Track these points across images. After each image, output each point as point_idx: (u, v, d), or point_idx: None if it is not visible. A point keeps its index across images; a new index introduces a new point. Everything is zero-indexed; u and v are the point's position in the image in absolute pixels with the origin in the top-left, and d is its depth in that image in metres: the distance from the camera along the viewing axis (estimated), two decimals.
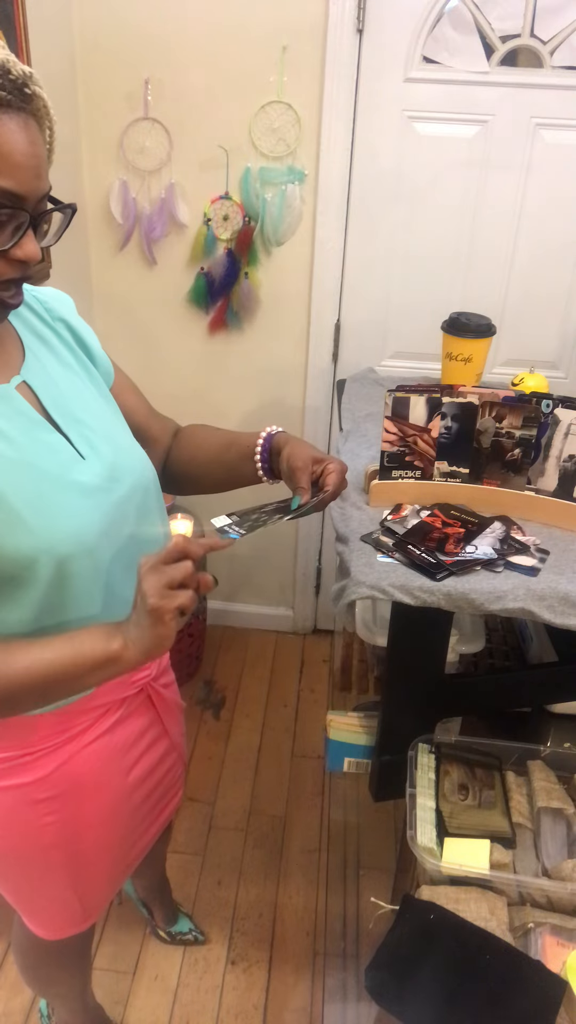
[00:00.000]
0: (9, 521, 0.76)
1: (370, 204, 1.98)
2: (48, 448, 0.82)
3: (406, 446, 1.16)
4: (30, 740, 0.90)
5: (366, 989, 0.93)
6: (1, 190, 0.69)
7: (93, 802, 0.98)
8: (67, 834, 0.98)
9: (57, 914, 1.09)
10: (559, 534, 1.15)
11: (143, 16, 1.81)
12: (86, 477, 0.84)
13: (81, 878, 1.05)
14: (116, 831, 1.05)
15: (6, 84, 0.68)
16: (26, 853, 0.99)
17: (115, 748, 0.99)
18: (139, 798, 1.06)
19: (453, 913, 0.97)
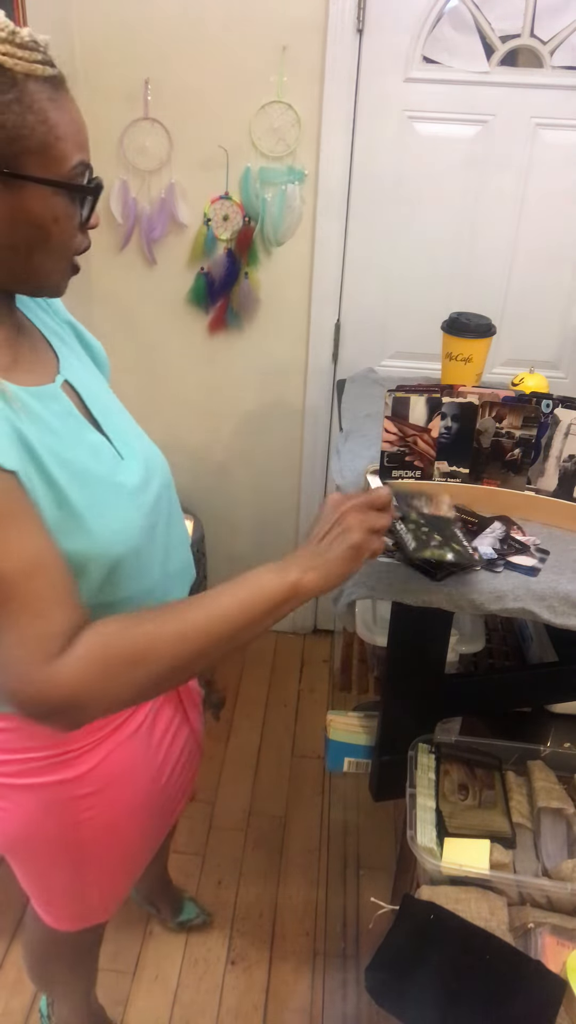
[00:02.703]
0: (71, 524, 0.76)
1: (370, 204, 1.98)
2: (94, 450, 0.83)
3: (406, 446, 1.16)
4: (72, 736, 0.89)
5: (366, 989, 0.93)
6: (82, 163, 0.73)
7: (128, 795, 0.98)
8: (103, 828, 0.97)
9: (77, 906, 1.09)
10: (559, 534, 1.15)
11: (143, 16, 1.81)
12: (128, 478, 0.85)
13: (108, 871, 1.05)
14: (146, 822, 1.05)
15: (49, 58, 0.70)
16: (62, 847, 0.98)
17: (149, 741, 0.99)
18: (165, 788, 1.06)
19: (453, 913, 0.97)
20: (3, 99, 0.67)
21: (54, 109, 0.70)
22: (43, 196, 0.72)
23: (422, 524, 1.04)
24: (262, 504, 2.41)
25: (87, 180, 0.75)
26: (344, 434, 1.53)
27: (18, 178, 0.70)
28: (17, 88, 0.67)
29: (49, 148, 0.70)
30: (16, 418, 0.72)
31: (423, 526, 1.03)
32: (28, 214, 0.72)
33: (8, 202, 0.70)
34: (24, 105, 0.68)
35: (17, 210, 0.71)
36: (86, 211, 0.76)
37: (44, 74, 0.70)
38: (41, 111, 0.69)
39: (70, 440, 0.79)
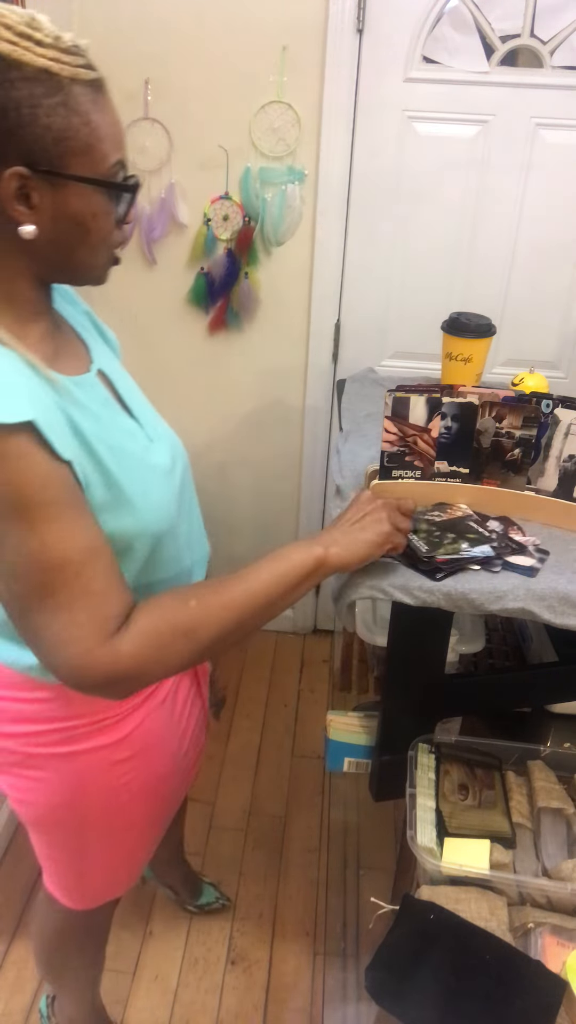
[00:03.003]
0: (120, 503, 0.82)
1: (370, 204, 1.98)
2: (130, 434, 0.88)
3: (406, 446, 1.16)
4: (109, 704, 0.94)
5: (366, 989, 0.93)
6: (119, 162, 0.77)
7: (159, 761, 1.03)
8: (139, 793, 1.02)
9: (102, 879, 1.12)
10: (559, 534, 1.15)
11: (143, 16, 1.81)
12: (159, 459, 0.90)
13: (136, 839, 1.09)
14: (172, 788, 1.09)
15: (90, 63, 0.74)
16: (100, 813, 1.01)
17: (173, 709, 1.05)
18: (186, 755, 1.11)
19: (453, 913, 0.97)
20: (50, 102, 0.70)
21: (96, 111, 0.74)
22: (84, 194, 0.76)
23: (434, 531, 1.08)
24: (262, 504, 2.41)
25: (123, 178, 0.79)
26: (344, 434, 1.53)
27: (62, 177, 0.74)
28: (63, 92, 0.71)
29: (91, 148, 0.74)
30: (67, 406, 0.77)
31: (435, 533, 1.07)
32: (70, 211, 0.76)
33: (52, 199, 0.74)
34: (69, 108, 0.72)
35: (60, 207, 0.75)
36: (123, 208, 0.80)
37: (87, 78, 0.73)
38: (84, 113, 0.73)
39: (110, 425, 0.84)
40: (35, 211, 0.74)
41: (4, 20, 0.68)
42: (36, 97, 0.70)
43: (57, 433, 0.73)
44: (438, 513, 1.15)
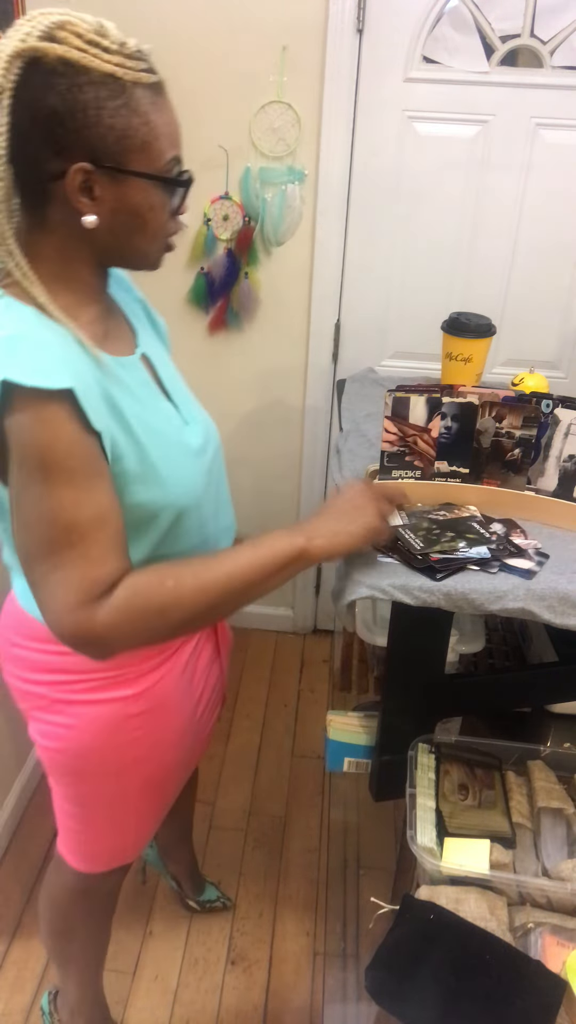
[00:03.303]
0: (150, 476, 0.88)
1: (370, 204, 1.98)
2: (166, 415, 0.95)
3: (406, 446, 1.16)
4: (132, 660, 1.00)
5: (366, 989, 0.93)
6: (175, 158, 0.84)
7: (173, 721, 1.08)
8: (150, 750, 1.06)
9: (113, 839, 1.16)
10: (559, 534, 1.15)
11: (143, 16, 1.81)
12: (191, 440, 0.97)
13: (145, 801, 1.13)
14: (183, 752, 1.14)
15: (151, 67, 0.82)
16: (112, 767, 1.06)
17: (194, 674, 1.10)
18: (199, 720, 1.15)
19: (453, 913, 0.97)
20: (114, 104, 0.77)
21: (155, 112, 0.81)
22: (142, 188, 0.82)
23: (434, 529, 1.08)
24: (262, 504, 2.41)
25: (179, 173, 0.86)
26: (344, 434, 1.53)
27: (122, 172, 0.81)
28: (126, 95, 0.78)
29: (149, 146, 0.81)
30: (108, 383, 0.84)
31: (434, 531, 1.07)
32: (129, 203, 0.83)
33: (113, 192, 0.81)
34: (131, 109, 0.79)
35: (120, 199, 0.82)
36: (177, 200, 0.87)
37: (148, 81, 0.80)
38: (144, 114, 0.80)
39: (148, 405, 0.91)
40: (97, 203, 0.81)
41: (75, 29, 0.77)
42: (101, 100, 0.77)
43: (92, 405, 0.79)
44: (443, 512, 1.15)
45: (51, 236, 0.84)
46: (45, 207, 0.82)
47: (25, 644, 1.02)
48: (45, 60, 0.75)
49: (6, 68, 0.75)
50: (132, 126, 0.79)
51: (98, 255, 0.87)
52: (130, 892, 1.76)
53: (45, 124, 0.77)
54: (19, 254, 0.82)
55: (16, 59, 0.75)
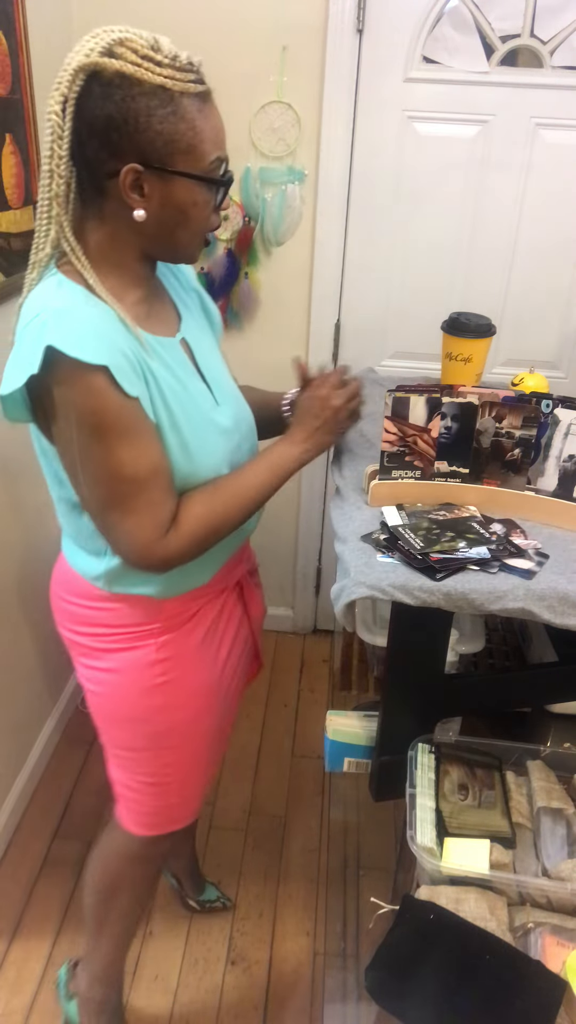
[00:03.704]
0: (178, 444, 0.99)
1: (370, 204, 1.98)
2: (200, 393, 1.05)
3: (406, 446, 1.16)
4: (156, 618, 1.13)
5: (366, 989, 0.93)
6: (218, 159, 0.93)
7: (193, 674, 1.18)
8: (172, 697, 1.17)
9: (156, 801, 1.25)
10: (559, 534, 1.15)
11: (142, 16, 1.81)
12: (221, 420, 1.07)
13: (178, 753, 1.22)
14: (212, 707, 1.23)
15: (200, 78, 0.91)
16: (141, 715, 1.18)
17: (215, 633, 1.20)
18: (222, 681, 1.24)
19: (453, 913, 0.97)
20: (163, 112, 0.87)
21: (200, 118, 0.90)
22: (187, 186, 0.92)
23: (434, 529, 1.08)
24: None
25: (222, 172, 0.95)
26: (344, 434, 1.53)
27: (169, 172, 0.91)
28: (174, 103, 0.88)
29: (194, 149, 0.91)
30: (146, 356, 0.95)
31: (434, 530, 1.07)
32: (175, 200, 0.93)
33: (160, 190, 0.92)
34: (178, 116, 0.88)
35: (166, 196, 0.92)
36: (219, 197, 0.97)
37: (195, 91, 0.90)
38: (191, 120, 0.89)
39: (183, 381, 1.01)
40: (146, 199, 0.92)
41: (132, 45, 0.87)
42: (152, 108, 0.87)
43: (126, 376, 0.90)
44: (443, 512, 1.15)
45: (104, 226, 0.95)
46: (101, 201, 0.93)
47: (71, 599, 1.16)
48: (104, 74, 0.86)
49: (71, 81, 0.86)
50: (179, 131, 0.89)
51: (144, 245, 0.97)
52: None
53: (103, 129, 0.87)
54: (74, 240, 0.93)
55: (80, 73, 0.86)
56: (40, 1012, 1.52)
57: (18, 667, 1.87)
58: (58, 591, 1.20)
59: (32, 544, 1.86)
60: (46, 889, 1.75)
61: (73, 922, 1.68)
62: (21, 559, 1.82)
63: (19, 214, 1.62)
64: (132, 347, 0.93)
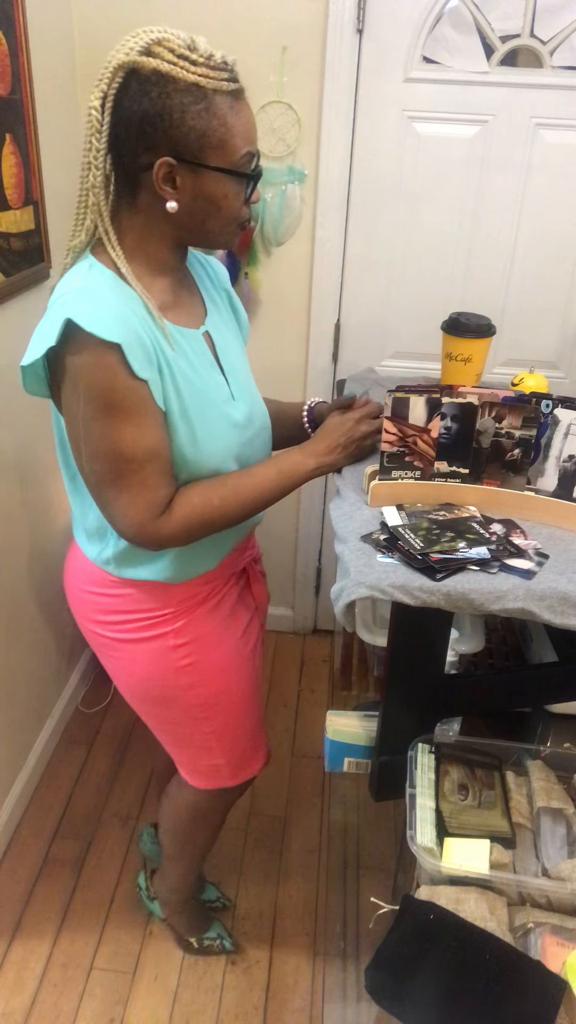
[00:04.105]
0: (187, 434, 1.03)
1: (370, 204, 1.98)
2: (216, 385, 1.09)
3: (406, 446, 1.16)
4: (169, 603, 1.18)
5: (366, 989, 0.93)
6: (248, 153, 0.98)
7: (218, 651, 1.23)
8: (200, 677, 1.22)
9: (204, 760, 1.32)
10: (559, 534, 1.15)
11: (143, 16, 1.81)
12: (235, 413, 1.11)
13: (218, 725, 1.28)
14: (239, 680, 1.28)
15: (233, 76, 0.94)
16: (172, 695, 1.24)
17: (226, 611, 1.25)
18: (250, 653, 1.31)
19: (453, 913, 0.97)
20: (196, 108, 0.91)
21: (232, 115, 0.94)
22: (218, 179, 0.96)
23: (434, 529, 1.08)
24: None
25: (252, 167, 1.00)
26: None
27: (201, 166, 0.95)
28: (207, 100, 0.92)
29: (224, 143, 0.94)
30: (164, 343, 0.99)
31: (434, 531, 1.07)
32: (206, 192, 0.97)
33: (192, 183, 0.96)
34: (211, 112, 0.92)
35: (198, 189, 0.97)
36: (249, 190, 1.01)
37: (227, 89, 0.93)
38: (222, 116, 0.93)
39: (201, 371, 1.05)
40: (179, 191, 0.96)
41: (169, 44, 0.91)
42: (185, 105, 0.91)
43: (138, 358, 0.94)
44: (443, 512, 1.15)
45: (138, 216, 1.00)
46: (135, 192, 0.98)
47: (85, 587, 1.21)
48: (142, 71, 0.90)
49: (111, 77, 0.91)
50: (211, 127, 0.93)
51: (177, 235, 1.02)
52: (130, 892, 1.76)
53: (139, 124, 0.92)
54: (111, 228, 0.98)
55: (119, 70, 0.91)
56: (40, 1012, 1.52)
57: (18, 667, 1.87)
58: (76, 583, 1.23)
59: (36, 545, 1.86)
60: (46, 889, 1.75)
61: (73, 922, 1.69)
62: (22, 560, 1.82)
63: (19, 214, 1.62)
64: (150, 333, 0.97)
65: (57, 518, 1.96)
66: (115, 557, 1.13)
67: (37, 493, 1.87)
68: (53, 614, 2.02)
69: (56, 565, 1.99)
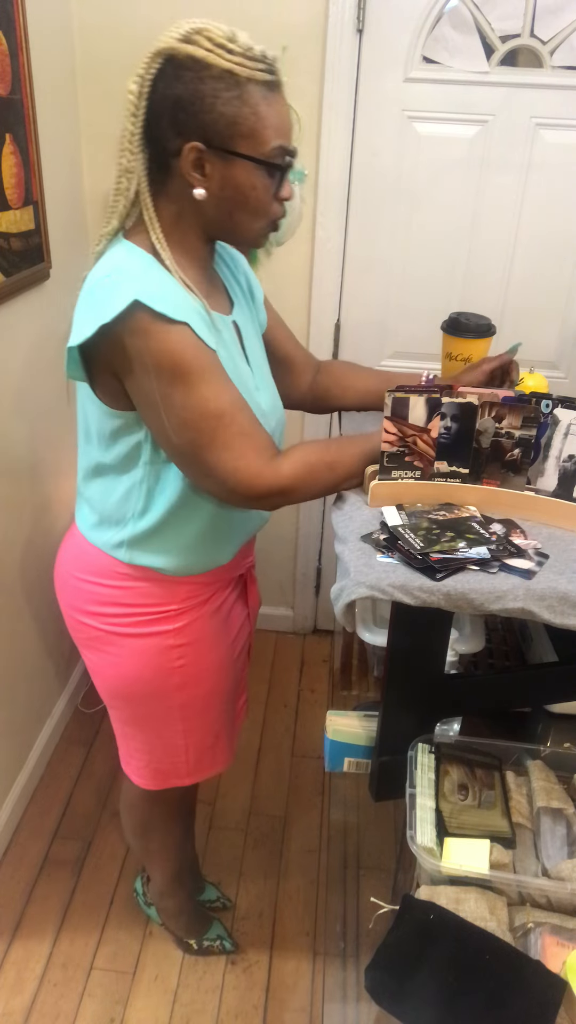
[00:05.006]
0: None
1: (370, 204, 1.98)
2: (244, 374, 1.09)
3: (405, 446, 1.16)
4: (173, 599, 1.16)
5: (366, 989, 0.93)
6: (281, 147, 0.96)
7: (211, 655, 1.23)
8: (190, 679, 1.21)
9: (167, 761, 1.30)
10: (559, 534, 1.15)
11: (143, 16, 1.81)
12: (262, 401, 1.12)
13: (193, 725, 1.27)
14: (223, 684, 1.28)
15: (270, 68, 0.94)
16: (158, 693, 1.21)
17: (224, 615, 1.25)
18: (236, 658, 1.31)
19: (453, 913, 0.97)
20: (228, 95, 0.91)
21: (265, 105, 0.93)
22: (247, 169, 0.96)
23: (434, 529, 1.08)
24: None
25: (284, 161, 0.98)
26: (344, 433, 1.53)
27: (230, 153, 0.94)
28: (239, 88, 0.92)
29: (255, 133, 0.94)
30: (212, 327, 1.00)
31: (434, 531, 1.07)
32: (234, 181, 0.96)
33: (221, 170, 0.96)
34: (243, 100, 0.92)
35: (227, 177, 0.96)
36: (277, 184, 0.99)
37: (262, 79, 0.93)
38: (255, 105, 0.93)
39: (234, 359, 1.07)
40: (207, 179, 0.96)
41: (209, 34, 0.91)
42: (218, 91, 0.91)
43: (204, 333, 0.96)
44: (443, 512, 1.15)
45: (169, 204, 0.99)
46: (166, 179, 0.98)
47: (85, 577, 1.17)
48: (178, 56, 0.92)
49: (149, 62, 0.93)
50: (242, 115, 0.92)
51: (206, 226, 1.02)
52: (130, 892, 1.76)
53: (171, 108, 0.92)
54: (153, 212, 0.98)
55: (157, 56, 0.93)
56: (40, 1012, 1.52)
57: (18, 667, 1.87)
58: (71, 571, 1.20)
59: (33, 542, 1.86)
60: (46, 889, 1.75)
61: (73, 922, 1.69)
62: (21, 558, 1.82)
63: (19, 214, 1.62)
64: (202, 315, 0.98)
65: (57, 518, 1.96)
66: (130, 541, 1.11)
67: (36, 493, 1.87)
68: (53, 614, 2.02)
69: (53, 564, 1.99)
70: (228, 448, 0.98)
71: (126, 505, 1.09)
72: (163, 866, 1.54)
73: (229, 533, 1.16)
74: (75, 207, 1.98)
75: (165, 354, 0.93)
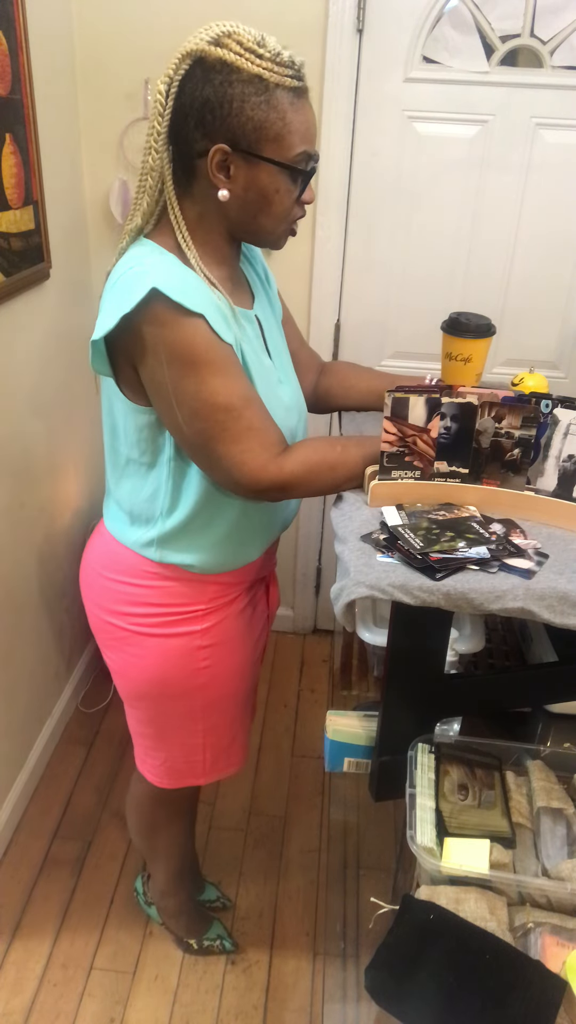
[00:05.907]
0: None
1: (370, 204, 1.98)
2: (267, 369, 1.10)
3: (405, 446, 1.16)
4: (201, 599, 1.17)
5: (366, 989, 0.93)
6: (306, 153, 0.98)
7: (235, 656, 1.24)
8: (214, 679, 1.22)
9: (182, 760, 1.31)
10: (559, 534, 1.15)
11: (143, 16, 1.81)
12: (284, 395, 1.13)
13: (212, 725, 1.28)
14: (244, 684, 1.30)
15: (298, 74, 0.96)
16: (182, 694, 1.22)
17: (248, 616, 1.26)
18: (257, 656, 1.32)
19: (453, 913, 0.97)
20: (256, 99, 0.93)
21: (291, 111, 0.95)
22: (271, 173, 0.98)
23: (434, 529, 1.08)
24: None
25: (308, 166, 1.00)
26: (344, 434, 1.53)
27: (255, 157, 0.96)
28: (268, 92, 0.93)
29: (281, 138, 0.96)
30: (234, 321, 1.02)
31: (434, 530, 1.08)
32: (258, 184, 0.98)
33: (246, 173, 0.97)
34: (270, 106, 0.94)
35: (252, 180, 0.98)
36: (300, 188, 1.01)
37: (290, 85, 0.95)
38: (282, 110, 0.94)
39: (258, 353, 1.08)
40: (231, 180, 0.98)
41: (238, 38, 0.94)
42: (247, 95, 0.93)
43: (220, 326, 0.97)
44: (443, 512, 1.15)
45: (194, 204, 1.01)
46: (192, 180, 0.99)
47: (113, 576, 1.18)
48: (207, 59, 0.92)
49: (178, 64, 0.93)
50: (269, 119, 0.94)
51: (229, 227, 1.03)
52: (130, 892, 1.76)
53: (199, 110, 0.93)
54: (179, 211, 0.99)
55: (187, 58, 0.93)
56: (40, 1012, 1.52)
57: (18, 667, 1.87)
58: (99, 570, 1.20)
59: (35, 545, 1.86)
60: (46, 889, 1.75)
61: (73, 921, 1.69)
62: (22, 559, 1.82)
63: (19, 214, 1.62)
64: (222, 311, 0.99)
65: (57, 518, 1.96)
66: (160, 539, 1.12)
67: (34, 494, 1.87)
68: (54, 614, 2.02)
69: (57, 565, 1.99)
70: (236, 441, 0.99)
71: (154, 503, 1.10)
72: (167, 865, 1.55)
73: (257, 530, 1.16)
74: (75, 207, 1.98)
75: (178, 344, 0.94)
